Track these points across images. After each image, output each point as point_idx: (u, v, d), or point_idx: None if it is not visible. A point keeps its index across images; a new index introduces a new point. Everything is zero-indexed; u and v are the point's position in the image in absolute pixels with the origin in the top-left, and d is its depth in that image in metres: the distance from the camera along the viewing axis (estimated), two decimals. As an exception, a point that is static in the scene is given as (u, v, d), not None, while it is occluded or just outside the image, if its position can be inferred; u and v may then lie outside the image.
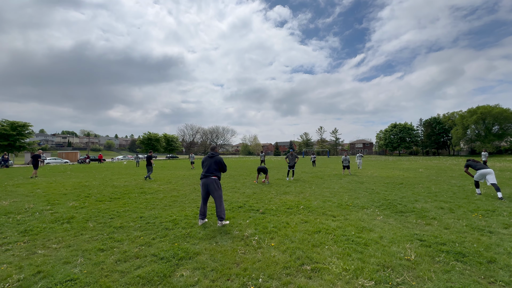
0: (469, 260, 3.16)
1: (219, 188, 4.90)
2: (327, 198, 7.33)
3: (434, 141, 65.64)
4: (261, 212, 5.68)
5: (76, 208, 6.20)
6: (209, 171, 4.93)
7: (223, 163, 5.09)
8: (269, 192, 8.64)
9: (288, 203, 6.71)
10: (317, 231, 4.35)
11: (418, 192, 8.29)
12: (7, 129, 26.96)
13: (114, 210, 6.01)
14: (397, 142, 68.91)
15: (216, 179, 4.91)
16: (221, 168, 5.10)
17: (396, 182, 10.79)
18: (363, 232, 4.31)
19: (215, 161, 5.03)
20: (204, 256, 3.33)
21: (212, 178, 4.87)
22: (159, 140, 51.35)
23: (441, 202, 6.61)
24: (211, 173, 4.91)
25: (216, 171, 4.99)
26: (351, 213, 5.62)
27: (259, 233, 4.25)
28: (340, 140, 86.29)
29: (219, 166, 5.05)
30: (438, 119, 66.02)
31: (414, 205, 6.29)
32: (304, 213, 5.59)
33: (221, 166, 5.08)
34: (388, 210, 5.87)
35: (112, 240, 3.97)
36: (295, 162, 12.25)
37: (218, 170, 5.06)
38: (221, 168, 5.10)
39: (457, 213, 5.52)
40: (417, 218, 5.16)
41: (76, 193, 8.45)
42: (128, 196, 7.93)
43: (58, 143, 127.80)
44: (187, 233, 4.28)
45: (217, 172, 5.00)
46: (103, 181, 12.26)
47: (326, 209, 5.99)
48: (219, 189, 4.90)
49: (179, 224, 4.82)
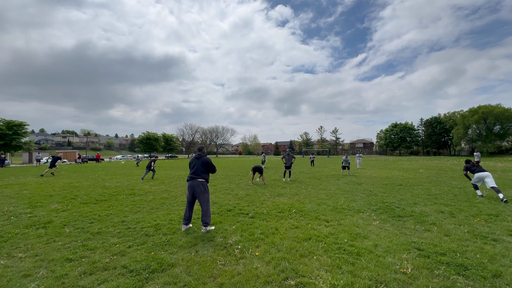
0: (472, 274, 2.85)
1: (206, 191, 4.61)
2: (322, 201, 7.01)
3: (435, 141, 65.20)
4: (251, 217, 5.37)
5: (57, 211, 5.90)
6: (196, 173, 4.62)
7: (211, 164, 4.77)
8: (262, 193, 8.33)
9: (281, 206, 6.40)
10: (307, 238, 4.04)
11: (417, 194, 7.97)
12: (3, 128, 26.66)
13: (96, 213, 5.71)
14: (397, 142, 68.54)
15: (204, 182, 4.62)
16: (209, 169, 4.78)
17: (395, 184, 10.47)
18: (357, 239, 4.00)
19: (203, 162, 4.71)
20: (179, 268, 3.03)
21: (199, 180, 4.58)
22: (157, 140, 51.02)
23: (441, 205, 6.29)
24: (198, 175, 4.61)
25: (204, 173, 4.69)
26: (346, 217, 5.31)
27: (244, 240, 3.94)
28: (340, 140, 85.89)
29: (207, 168, 4.74)
30: (439, 119, 65.58)
31: (413, 209, 5.97)
32: (296, 218, 5.28)
33: (209, 167, 4.76)
34: (385, 214, 5.55)
35: (84, 249, 3.67)
36: (291, 162, 11.93)
37: (206, 171, 4.75)
38: (209, 169, 4.78)
39: (458, 217, 5.20)
40: (415, 223, 4.85)
41: (63, 195, 8.15)
42: (115, 198, 7.63)
43: (58, 142, 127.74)
44: (167, 240, 3.97)
45: (204, 174, 4.69)
46: (94, 181, 11.97)
47: (320, 212, 5.68)
48: (206, 192, 4.60)
49: (161, 230, 4.51)
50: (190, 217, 4.63)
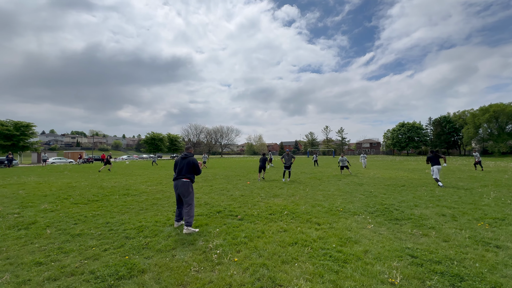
0: (468, 285, 2.57)
1: (190, 191, 4.60)
2: (317, 202, 6.74)
3: (444, 141, 63.59)
4: (239, 219, 5.16)
5: (45, 212, 5.82)
6: (181, 173, 4.64)
7: (196, 165, 4.75)
8: (258, 194, 8.11)
9: (274, 207, 6.16)
10: (293, 242, 3.80)
11: (419, 195, 7.60)
12: (10, 129, 27.26)
13: (83, 214, 5.60)
14: (405, 141, 67.14)
15: (188, 182, 4.62)
16: (194, 170, 4.75)
17: (397, 184, 10.08)
18: (346, 244, 3.74)
19: (188, 163, 4.70)
20: (148, 275, 2.84)
21: (183, 180, 4.59)
22: (162, 140, 51.36)
23: (444, 208, 5.94)
24: (183, 175, 4.62)
25: (189, 173, 4.67)
26: (340, 220, 5.04)
27: (226, 244, 3.73)
28: (346, 140, 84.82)
29: (192, 169, 4.71)
30: (448, 118, 63.94)
31: (413, 211, 5.65)
32: (286, 220, 5.04)
33: (193, 169, 4.73)
34: (382, 216, 5.25)
35: (59, 252, 3.53)
36: (291, 162, 11.66)
37: (191, 172, 4.72)
38: (193, 170, 4.75)
39: (461, 221, 4.86)
40: (413, 227, 4.55)
41: (57, 195, 8.12)
42: (108, 198, 7.54)
43: (67, 143, 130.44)
44: (146, 243, 3.80)
45: (189, 175, 4.68)
46: (93, 181, 11.98)
47: (313, 215, 5.42)
48: (190, 192, 4.60)
49: (143, 232, 4.35)
50: (181, 214, 4.73)
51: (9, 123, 28.16)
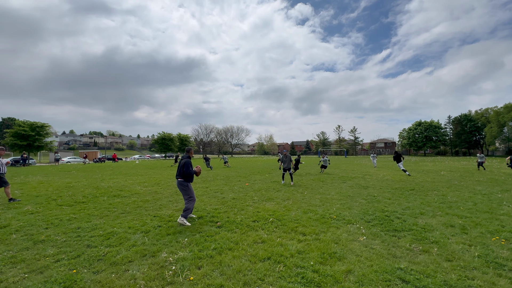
0: (468, 328, 1.99)
1: (186, 189, 5.09)
2: (312, 208, 6.19)
3: (464, 140, 60.15)
4: (218, 226, 4.73)
5: (24, 214, 5.66)
6: (178, 173, 5.16)
7: (186, 167, 5.04)
8: (251, 197, 7.65)
9: (261, 213, 5.69)
10: (266, 257, 3.32)
11: (429, 201, 6.85)
12: (26, 129, 28.42)
13: (60, 217, 5.38)
14: (422, 141, 64.10)
15: (182, 181, 5.08)
16: (184, 172, 5.04)
17: (406, 188, 9.28)
18: (328, 261, 3.21)
19: (182, 165, 5.12)
20: (83, 296, 2.47)
21: (179, 180, 5.11)
22: (173, 140, 51.89)
23: (454, 217, 5.22)
24: (179, 175, 5.13)
25: (182, 174, 5.09)
26: (329, 229, 4.49)
27: (189, 257, 3.31)
28: (359, 139, 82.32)
29: (183, 170, 5.07)
30: (469, 116, 60.42)
31: (416, 220, 4.99)
32: (269, 229, 4.56)
33: (183, 170, 5.05)
34: (379, 226, 4.65)
35: (9, 262, 3.25)
36: (290, 165, 10.97)
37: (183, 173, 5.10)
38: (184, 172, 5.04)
39: (471, 234, 4.18)
40: (413, 240, 3.93)
41: (48, 195, 8.05)
42: (96, 200, 7.35)
43: (85, 143, 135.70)
44: (104, 254, 3.45)
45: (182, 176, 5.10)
46: (92, 181, 11.98)
47: (301, 223, 4.90)
48: (186, 190, 5.09)
49: (109, 240, 4.02)
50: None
51: (25, 123, 29.40)
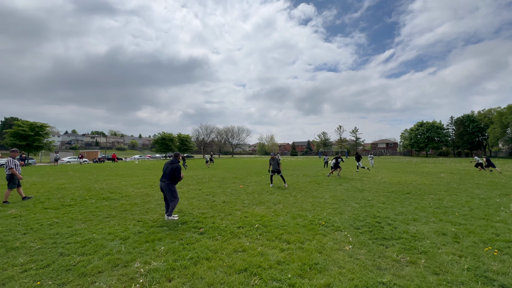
0: None
1: (171, 190, 5.43)
2: (301, 212, 6.02)
3: (466, 141, 59.60)
4: (200, 233, 4.57)
5: (6, 218, 5.55)
6: (164, 176, 5.49)
7: (176, 173, 5.45)
8: (242, 201, 7.49)
9: (249, 218, 5.52)
10: (243, 268, 3.15)
11: (423, 206, 6.65)
12: (26, 129, 28.55)
13: (42, 221, 5.25)
14: (424, 142, 63.57)
15: (169, 183, 5.44)
16: (174, 176, 5.45)
17: (403, 191, 9.07)
18: (307, 273, 3.04)
19: (171, 169, 5.46)
20: (38, 313, 2.32)
21: (166, 182, 5.44)
22: (173, 140, 51.94)
23: (447, 224, 5.02)
24: (166, 178, 5.46)
25: (170, 178, 5.44)
26: (316, 237, 4.32)
27: (162, 268, 3.15)
28: (360, 140, 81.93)
29: (173, 174, 5.45)
30: (472, 117, 59.86)
31: (408, 227, 4.80)
32: (252, 236, 4.39)
33: (173, 175, 5.45)
34: (367, 234, 4.47)
35: (-26, 271, 3.11)
36: (278, 167, 10.53)
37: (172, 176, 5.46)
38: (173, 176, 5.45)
39: (463, 243, 3.99)
40: (401, 250, 3.75)
41: (38, 197, 7.94)
42: (84, 203, 7.23)
43: (87, 142, 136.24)
44: (75, 263, 3.31)
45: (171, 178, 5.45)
46: (86, 182, 11.88)
47: (287, 229, 4.73)
48: (171, 191, 5.43)
49: (85, 247, 3.87)
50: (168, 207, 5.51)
51: (24, 123, 29.50)
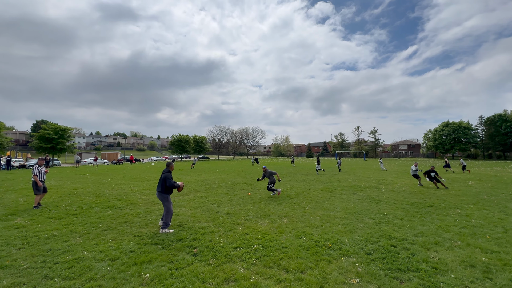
0: None
1: (164, 200, 5.52)
2: (308, 229, 5.54)
3: (498, 143, 55.20)
4: (194, 254, 4.26)
5: (9, 229, 5.58)
6: (157, 186, 5.64)
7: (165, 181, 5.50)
8: (246, 212, 7.12)
9: (249, 235, 5.14)
10: (230, 307, 2.78)
11: (448, 224, 5.91)
12: (50, 133, 30.25)
13: (41, 234, 5.20)
14: (449, 143, 59.69)
15: (161, 193, 5.54)
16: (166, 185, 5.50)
17: (424, 204, 8.25)
18: (302, 318, 2.61)
19: (160, 179, 5.62)
20: None
21: (158, 191, 5.59)
22: (188, 142, 52.86)
23: (477, 250, 4.34)
24: (158, 187, 5.61)
25: (161, 187, 5.54)
26: (319, 263, 3.85)
27: (141, 302, 2.86)
28: (380, 141, 78.69)
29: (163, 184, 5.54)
30: (505, 116, 55.33)
31: (428, 254, 4.18)
32: (248, 260, 4.00)
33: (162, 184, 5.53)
34: (379, 262, 3.92)
35: (-46, 295, 3.01)
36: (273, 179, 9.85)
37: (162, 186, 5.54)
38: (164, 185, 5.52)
39: (497, 280, 3.34)
40: (418, 287, 3.19)
41: (47, 204, 8.08)
42: (88, 212, 7.21)
43: (109, 143, 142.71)
44: (55, 291, 3.11)
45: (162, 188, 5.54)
46: (99, 187, 12.10)
47: (289, 252, 4.29)
48: (165, 201, 5.52)
49: (72, 269, 3.69)
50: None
51: (50, 127, 31.25)
